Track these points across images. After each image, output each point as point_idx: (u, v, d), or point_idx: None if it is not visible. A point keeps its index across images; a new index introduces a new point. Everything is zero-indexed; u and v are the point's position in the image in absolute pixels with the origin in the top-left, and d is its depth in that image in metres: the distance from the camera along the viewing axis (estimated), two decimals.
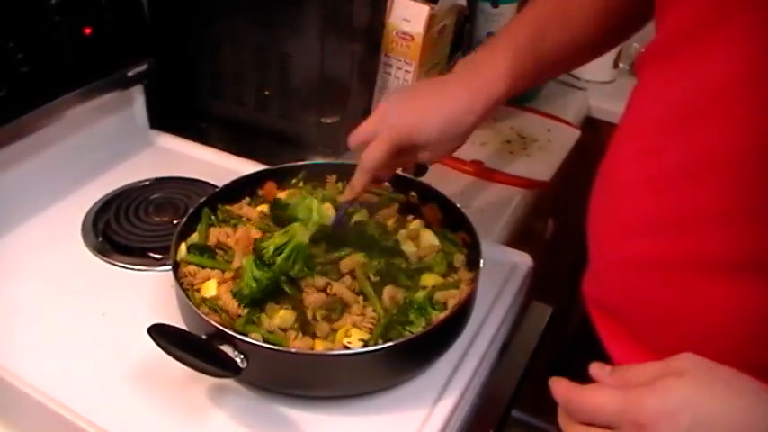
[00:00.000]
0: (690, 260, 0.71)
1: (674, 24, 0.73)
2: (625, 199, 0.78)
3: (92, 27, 1.11)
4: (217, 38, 1.29)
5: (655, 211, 0.74)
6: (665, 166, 0.72)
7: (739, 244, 0.68)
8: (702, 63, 0.68)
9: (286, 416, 0.83)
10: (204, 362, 0.74)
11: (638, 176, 0.75)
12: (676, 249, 0.72)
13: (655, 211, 0.74)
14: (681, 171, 0.70)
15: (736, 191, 0.67)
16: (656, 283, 0.75)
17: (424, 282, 0.91)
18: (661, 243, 0.74)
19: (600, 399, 0.60)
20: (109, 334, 0.91)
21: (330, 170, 1.08)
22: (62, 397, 0.82)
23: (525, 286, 1.05)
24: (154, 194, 1.17)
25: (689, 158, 0.69)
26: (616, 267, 0.81)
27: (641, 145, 0.76)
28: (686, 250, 0.71)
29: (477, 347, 0.93)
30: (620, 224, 0.79)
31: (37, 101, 1.05)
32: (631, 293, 0.79)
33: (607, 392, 0.60)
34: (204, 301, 0.86)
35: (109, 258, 1.04)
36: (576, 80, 1.78)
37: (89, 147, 1.21)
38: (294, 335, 0.83)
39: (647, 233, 0.75)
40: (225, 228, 0.98)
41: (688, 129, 0.69)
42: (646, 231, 0.75)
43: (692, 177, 0.69)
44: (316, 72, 1.23)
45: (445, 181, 1.27)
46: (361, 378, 0.83)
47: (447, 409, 0.84)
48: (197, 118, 1.38)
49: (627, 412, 0.58)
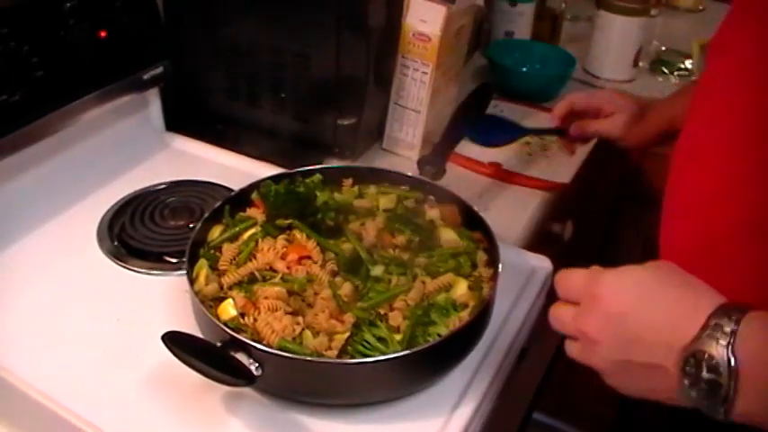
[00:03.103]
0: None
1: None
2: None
3: (107, 30, 1.11)
4: (232, 39, 1.28)
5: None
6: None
7: None
8: None
9: (302, 424, 0.82)
10: (218, 370, 0.73)
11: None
12: None
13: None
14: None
15: None
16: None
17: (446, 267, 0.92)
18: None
19: (572, 276, 0.74)
20: (123, 340, 0.91)
21: (347, 173, 1.07)
22: (74, 405, 0.81)
23: (544, 290, 1.04)
24: (170, 198, 1.16)
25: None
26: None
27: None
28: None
29: (495, 353, 0.91)
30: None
31: (52, 105, 1.05)
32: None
33: (577, 273, 0.74)
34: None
35: (124, 263, 1.03)
36: (595, 79, 1.76)
37: (104, 150, 1.20)
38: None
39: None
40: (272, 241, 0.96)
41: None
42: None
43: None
44: (332, 73, 1.22)
45: (463, 183, 1.26)
46: (378, 386, 0.82)
47: (465, 416, 0.83)
48: (213, 120, 1.37)
49: (587, 287, 0.71)
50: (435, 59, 1.27)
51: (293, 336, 0.82)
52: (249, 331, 0.82)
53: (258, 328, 0.82)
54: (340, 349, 0.81)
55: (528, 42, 1.80)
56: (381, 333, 0.83)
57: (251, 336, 0.81)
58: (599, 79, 1.76)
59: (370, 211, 1.01)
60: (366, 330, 0.83)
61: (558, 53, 1.74)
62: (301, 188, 0.99)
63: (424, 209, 1.03)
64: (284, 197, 0.97)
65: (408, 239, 0.96)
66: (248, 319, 0.84)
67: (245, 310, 0.85)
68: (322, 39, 1.20)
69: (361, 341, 0.82)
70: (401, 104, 1.33)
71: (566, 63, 1.68)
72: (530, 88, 1.62)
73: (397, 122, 1.35)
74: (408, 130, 1.35)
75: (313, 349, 0.80)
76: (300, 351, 0.80)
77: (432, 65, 1.27)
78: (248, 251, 0.93)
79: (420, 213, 1.01)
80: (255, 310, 0.85)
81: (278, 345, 0.80)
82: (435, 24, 1.25)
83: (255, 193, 1.01)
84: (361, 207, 1.01)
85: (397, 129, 1.36)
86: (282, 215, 0.97)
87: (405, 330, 0.83)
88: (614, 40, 1.72)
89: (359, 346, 0.82)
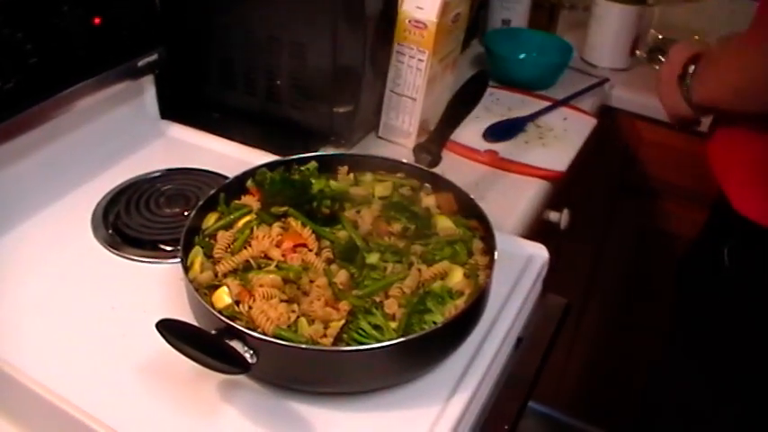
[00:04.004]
0: None
1: None
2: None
3: (101, 17, 1.09)
4: (228, 27, 1.28)
5: None
6: None
7: None
8: None
9: (297, 412, 0.82)
10: (213, 358, 0.73)
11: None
12: None
13: None
14: None
15: None
16: None
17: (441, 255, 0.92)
18: None
19: None
20: (118, 328, 0.90)
21: (342, 161, 1.07)
22: (68, 393, 0.81)
23: (540, 279, 1.04)
24: (165, 186, 1.15)
25: None
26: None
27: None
28: None
29: (491, 341, 0.91)
30: None
31: (46, 92, 1.04)
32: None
33: None
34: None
35: (119, 251, 1.03)
36: (592, 68, 1.75)
37: (99, 138, 1.20)
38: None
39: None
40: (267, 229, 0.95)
41: None
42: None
43: None
44: (328, 61, 1.21)
45: (459, 171, 1.25)
46: (374, 374, 0.82)
47: (461, 404, 0.83)
48: (208, 108, 1.37)
49: None
50: (432, 47, 1.26)
51: (288, 324, 0.81)
52: (244, 319, 0.82)
53: (253, 316, 0.82)
54: (335, 337, 0.80)
55: (525, 31, 1.79)
56: (377, 321, 0.83)
57: (246, 324, 0.81)
58: (596, 68, 1.75)
59: (366, 199, 1.00)
60: (362, 318, 0.83)
61: (555, 41, 1.73)
62: (297, 176, 0.98)
63: (420, 197, 1.02)
64: (280, 185, 0.96)
65: (404, 227, 0.95)
66: (243, 306, 0.84)
67: (239, 297, 0.84)
68: (318, 26, 1.19)
69: (356, 329, 0.82)
70: (397, 92, 1.33)
71: (563, 51, 1.67)
72: (526, 77, 1.62)
73: (393, 110, 1.35)
74: (404, 118, 1.34)
75: (308, 337, 0.80)
76: (296, 339, 0.79)
77: (428, 52, 1.27)
78: (243, 239, 0.93)
79: (416, 201, 1.01)
80: (250, 297, 0.84)
81: (273, 332, 0.79)
82: (432, 11, 1.24)
83: (251, 180, 1.01)
84: (357, 195, 1.01)
85: (393, 116, 1.35)
86: (278, 203, 0.96)
87: (400, 318, 0.83)
88: (612, 28, 1.72)
89: (354, 334, 0.82)
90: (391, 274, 0.88)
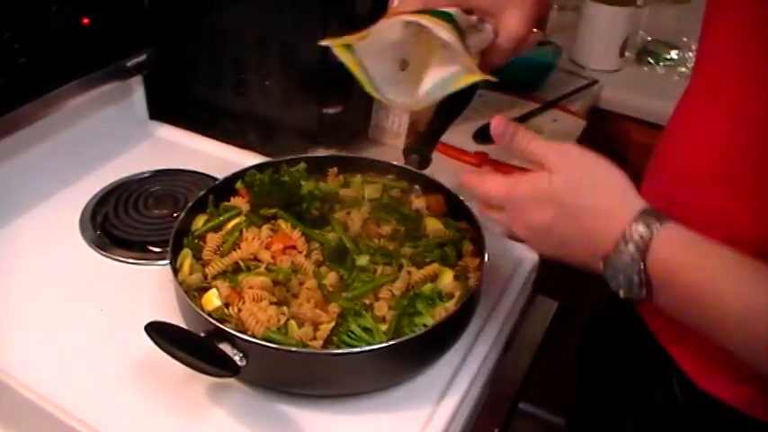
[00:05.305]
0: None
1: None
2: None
3: (90, 17, 1.09)
4: (217, 27, 1.27)
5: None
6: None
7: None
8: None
9: (287, 414, 0.81)
10: (202, 361, 0.72)
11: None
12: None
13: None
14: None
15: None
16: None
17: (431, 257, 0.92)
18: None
19: (489, 185, 0.75)
20: (107, 330, 0.90)
21: (332, 162, 1.07)
22: (57, 396, 0.80)
23: (531, 280, 1.04)
24: (153, 187, 1.15)
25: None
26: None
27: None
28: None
29: (481, 343, 0.91)
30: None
31: (34, 92, 1.04)
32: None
33: (495, 180, 0.74)
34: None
35: (107, 252, 1.02)
36: (581, 69, 1.75)
37: (87, 138, 1.19)
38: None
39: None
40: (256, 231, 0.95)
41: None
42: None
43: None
44: (317, 62, 1.21)
45: (449, 173, 1.25)
46: (364, 377, 0.82)
47: (451, 406, 0.83)
48: (197, 109, 1.36)
49: (508, 199, 0.73)
50: None
51: (278, 326, 0.81)
52: (233, 321, 0.82)
53: (242, 319, 0.82)
54: (325, 339, 0.80)
55: None
56: (367, 323, 0.82)
57: (235, 326, 0.80)
58: (585, 69, 1.75)
59: (356, 201, 1.00)
60: (351, 320, 0.83)
61: (544, 43, 1.73)
62: (286, 177, 0.98)
63: (409, 198, 1.02)
64: (269, 186, 0.96)
65: (394, 229, 0.95)
66: (232, 309, 0.83)
67: (229, 300, 0.84)
68: (308, 26, 1.19)
69: (346, 331, 0.82)
70: None
71: (552, 53, 1.67)
72: (515, 77, 1.61)
73: (382, 111, 1.34)
74: (394, 120, 1.34)
75: (298, 339, 0.80)
76: (285, 341, 0.79)
77: None
78: (232, 241, 0.93)
79: (406, 203, 1.01)
80: (240, 300, 0.84)
81: (262, 335, 0.79)
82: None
83: (240, 182, 1.00)
84: (347, 196, 1.01)
85: (383, 118, 1.35)
86: (267, 204, 0.96)
87: (390, 321, 0.83)
88: (601, 30, 1.72)
89: (344, 337, 0.82)
90: (381, 276, 0.88)
